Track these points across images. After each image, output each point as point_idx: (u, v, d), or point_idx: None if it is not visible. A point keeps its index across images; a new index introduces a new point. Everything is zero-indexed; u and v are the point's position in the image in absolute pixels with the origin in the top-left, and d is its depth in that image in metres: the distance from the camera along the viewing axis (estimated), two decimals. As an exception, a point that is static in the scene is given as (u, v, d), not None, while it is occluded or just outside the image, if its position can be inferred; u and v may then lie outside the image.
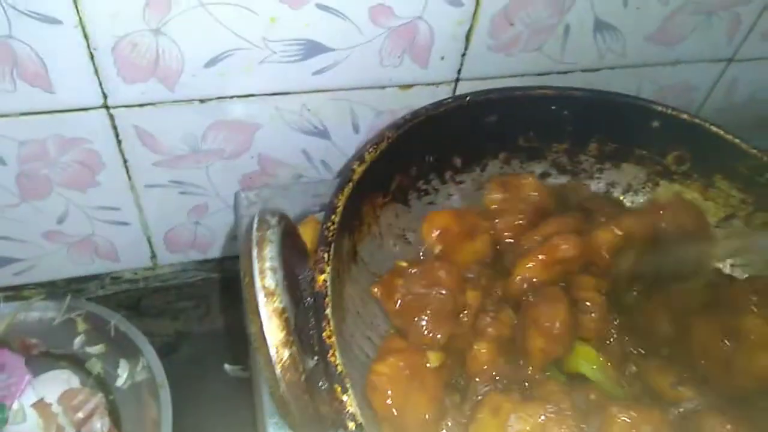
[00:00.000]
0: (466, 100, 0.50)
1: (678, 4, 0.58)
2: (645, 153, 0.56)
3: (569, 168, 0.57)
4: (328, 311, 0.37)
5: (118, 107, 0.50)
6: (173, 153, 0.55)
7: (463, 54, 0.56)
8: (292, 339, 0.34)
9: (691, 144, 0.54)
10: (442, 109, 0.49)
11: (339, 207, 0.41)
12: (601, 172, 0.57)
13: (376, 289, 0.45)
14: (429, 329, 0.44)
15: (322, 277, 0.38)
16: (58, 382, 0.61)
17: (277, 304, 0.34)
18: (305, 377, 0.35)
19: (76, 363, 0.63)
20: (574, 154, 0.56)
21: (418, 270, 0.46)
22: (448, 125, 0.50)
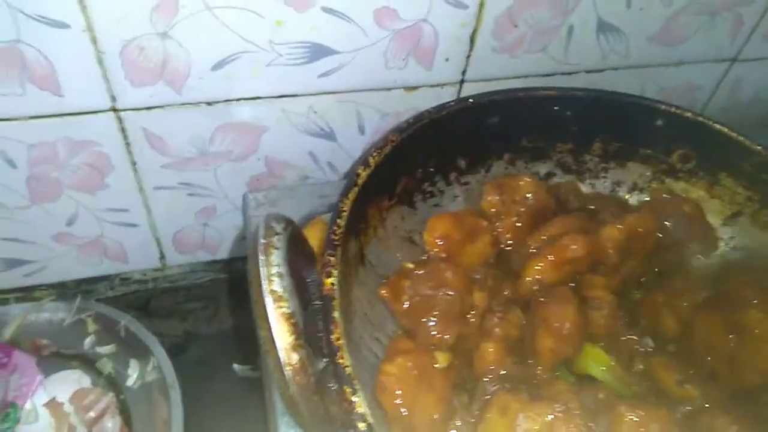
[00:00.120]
0: (470, 102, 0.51)
1: (681, 4, 0.58)
2: (650, 152, 0.56)
3: (574, 168, 0.57)
4: (337, 314, 0.37)
5: (126, 110, 0.51)
6: (181, 155, 0.56)
7: (468, 55, 0.56)
8: (301, 342, 0.35)
9: (695, 142, 0.54)
10: (446, 111, 0.49)
11: (345, 211, 0.41)
12: (606, 172, 0.57)
13: (383, 291, 0.46)
14: (437, 330, 0.44)
15: (330, 280, 0.38)
16: (70, 382, 0.62)
17: (284, 309, 0.35)
18: (315, 379, 0.36)
19: (87, 363, 0.64)
20: (579, 154, 0.56)
21: (424, 271, 0.46)
22: (451, 127, 0.50)
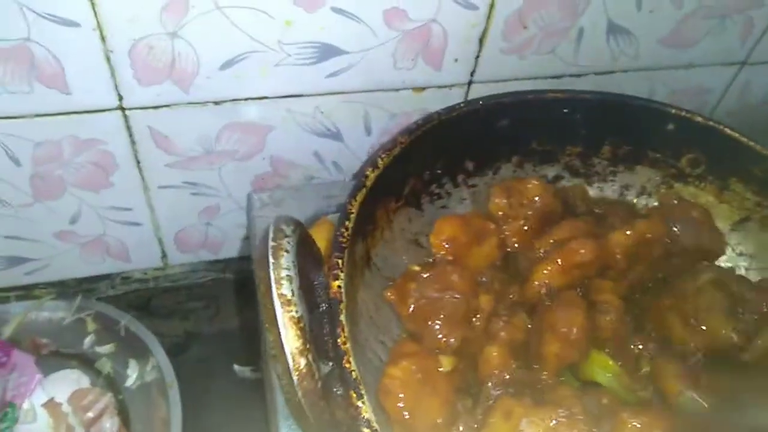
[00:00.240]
0: (479, 104, 0.50)
1: (691, 7, 0.58)
2: (659, 156, 0.55)
3: (582, 171, 0.57)
4: (343, 317, 0.37)
5: (133, 109, 0.50)
6: (187, 154, 0.55)
7: (477, 56, 0.55)
8: (309, 347, 0.35)
9: (705, 147, 0.54)
10: (455, 113, 0.49)
11: (353, 213, 0.41)
12: (615, 175, 0.57)
13: (389, 294, 0.45)
14: (443, 333, 0.44)
15: (337, 283, 0.38)
16: (68, 382, 0.61)
17: (293, 313, 0.34)
18: (321, 383, 0.36)
19: (86, 363, 0.64)
20: (588, 157, 0.56)
21: (431, 274, 0.46)
22: (460, 129, 0.50)
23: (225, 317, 0.75)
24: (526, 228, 0.51)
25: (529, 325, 0.46)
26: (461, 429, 0.43)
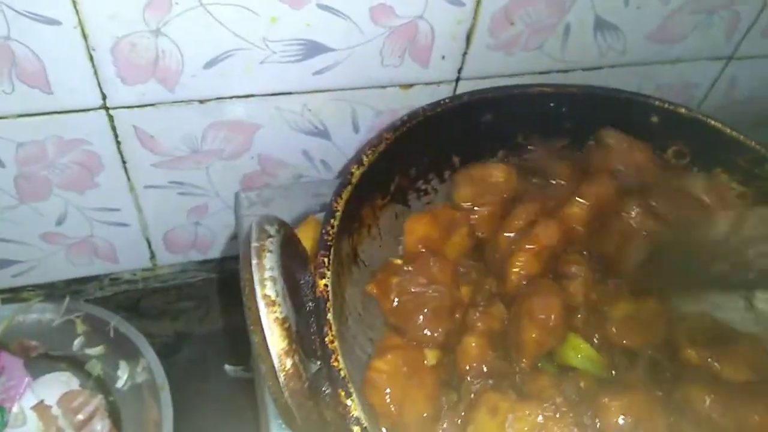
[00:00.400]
0: (464, 99, 0.50)
1: (678, 2, 0.58)
2: (644, 148, 0.56)
3: (569, 165, 0.56)
4: (330, 316, 0.36)
5: (117, 108, 0.50)
6: (173, 154, 0.55)
7: (464, 53, 0.55)
8: (295, 347, 0.34)
9: (689, 138, 0.54)
10: (440, 109, 0.49)
11: (338, 211, 0.41)
12: (602, 169, 0.57)
13: (371, 288, 0.45)
14: (427, 328, 0.44)
15: (323, 282, 0.37)
16: (58, 384, 0.61)
17: (278, 314, 0.34)
18: (308, 383, 0.35)
19: (76, 365, 0.63)
20: (574, 151, 0.56)
21: (412, 267, 0.46)
22: (446, 125, 0.50)
23: (215, 317, 0.75)
24: (492, 213, 0.51)
25: (505, 315, 0.46)
26: (446, 425, 0.42)
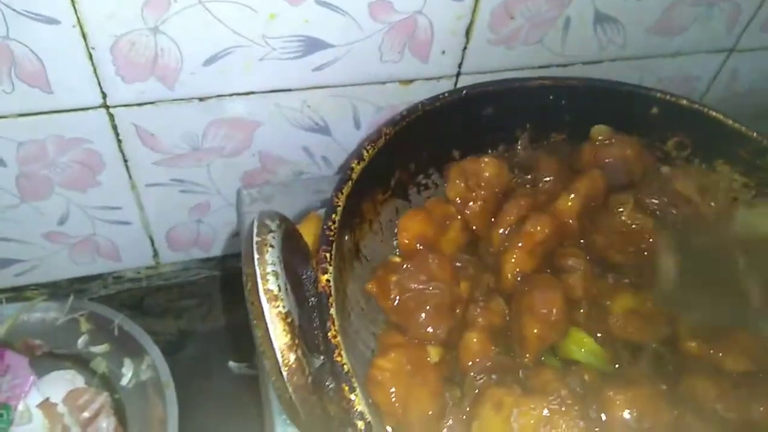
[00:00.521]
0: (463, 93, 0.50)
1: (678, -6, 0.58)
2: (645, 140, 0.55)
3: (569, 158, 0.56)
4: (333, 311, 0.37)
5: (117, 107, 0.50)
6: (174, 152, 0.55)
7: (464, 48, 0.55)
8: (298, 342, 0.34)
9: (690, 130, 0.54)
10: (439, 103, 0.49)
11: (339, 206, 0.41)
12: (603, 161, 0.57)
13: (370, 286, 0.45)
14: (430, 325, 0.43)
15: (325, 277, 0.38)
16: (63, 382, 0.61)
17: (280, 309, 0.34)
18: (312, 378, 0.35)
19: (81, 363, 0.64)
20: (574, 144, 0.56)
21: (411, 264, 0.45)
22: (445, 119, 0.50)
23: (218, 315, 0.75)
24: (485, 207, 0.51)
25: (505, 309, 0.46)
26: (450, 421, 0.42)
